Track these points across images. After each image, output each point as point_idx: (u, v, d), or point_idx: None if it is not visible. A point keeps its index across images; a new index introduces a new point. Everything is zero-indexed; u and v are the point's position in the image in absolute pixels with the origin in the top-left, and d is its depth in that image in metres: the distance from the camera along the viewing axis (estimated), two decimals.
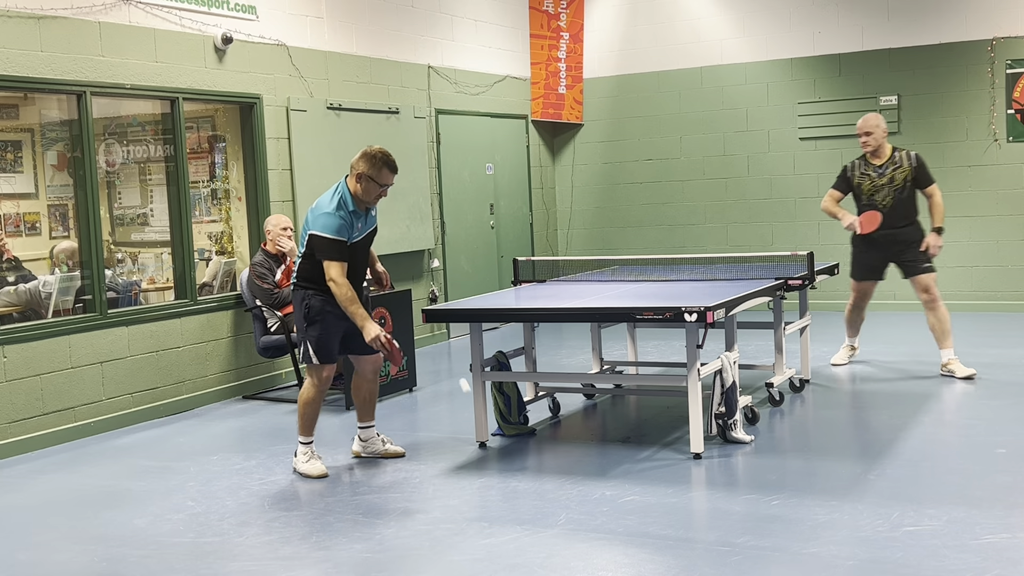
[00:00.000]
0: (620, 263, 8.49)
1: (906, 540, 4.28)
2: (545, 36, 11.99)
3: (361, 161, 5.47)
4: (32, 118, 7.36)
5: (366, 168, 5.45)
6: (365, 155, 5.47)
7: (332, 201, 5.48)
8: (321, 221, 5.45)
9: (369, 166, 5.44)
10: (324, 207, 5.48)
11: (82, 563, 4.59)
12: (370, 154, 5.46)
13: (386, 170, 5.46)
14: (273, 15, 8.57)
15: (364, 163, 5.45)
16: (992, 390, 7.04)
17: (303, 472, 5.69)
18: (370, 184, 5.46)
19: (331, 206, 5.46)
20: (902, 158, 7.63)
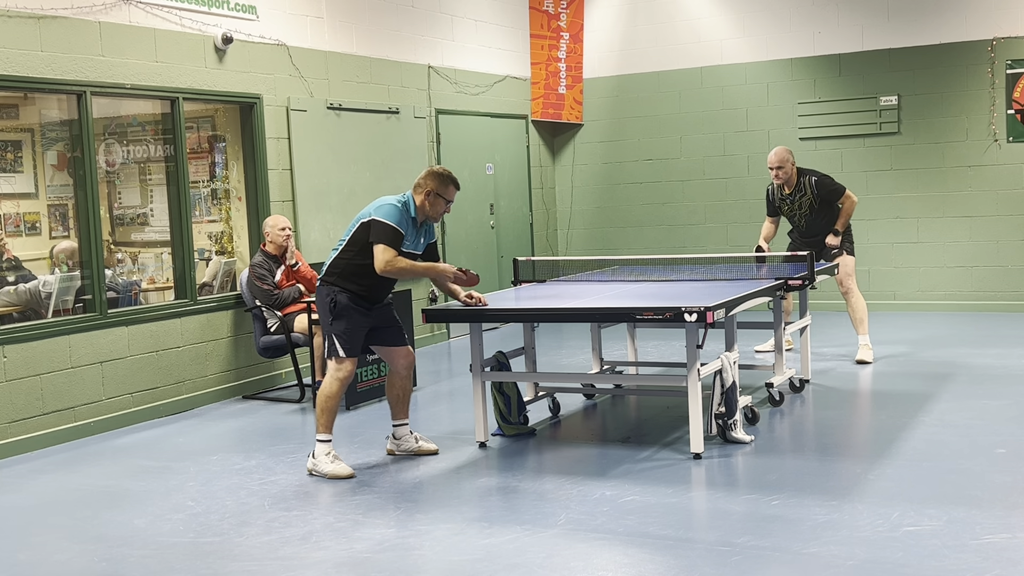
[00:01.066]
0: (620, 263, 8.49)
1: (906, 540, 4.28)
2: (545, 36, 11.99)
3: (429, 179, 5.69)
4: (32, 118, 7.36)
5: (435, 186, 5.67)
6: (433, 174, 5.72)
7: (399, 201, 5.68)
8: (385, 210, 5.59)
9: (438, 184, 5.68)
10: (390, 201, 5.66)
11: (82, 563, 4.59)
12: (437, 172, 5.72)
13: (452, 187, 5.73)
14: (273, 15, 8.57)
15: (433, 181, 5.68)
16: (992, 390, 7.04)
17: (328, 474, 5.59)
18: (437, 200, 5.69)
19: (398, 203, 5.66)
20: (805, 184, 8.24)
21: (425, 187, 5.69)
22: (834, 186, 8.22)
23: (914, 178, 10.88)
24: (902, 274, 10.98)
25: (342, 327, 5.61)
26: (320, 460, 5.63)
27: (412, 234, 5.71)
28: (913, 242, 10.92)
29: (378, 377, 7.60)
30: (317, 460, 5.65)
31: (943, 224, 10.80)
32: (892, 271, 11.01)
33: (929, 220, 10.86)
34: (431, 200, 5.69)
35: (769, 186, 8.49)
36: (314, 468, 5.65)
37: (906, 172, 10.90)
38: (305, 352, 8.08)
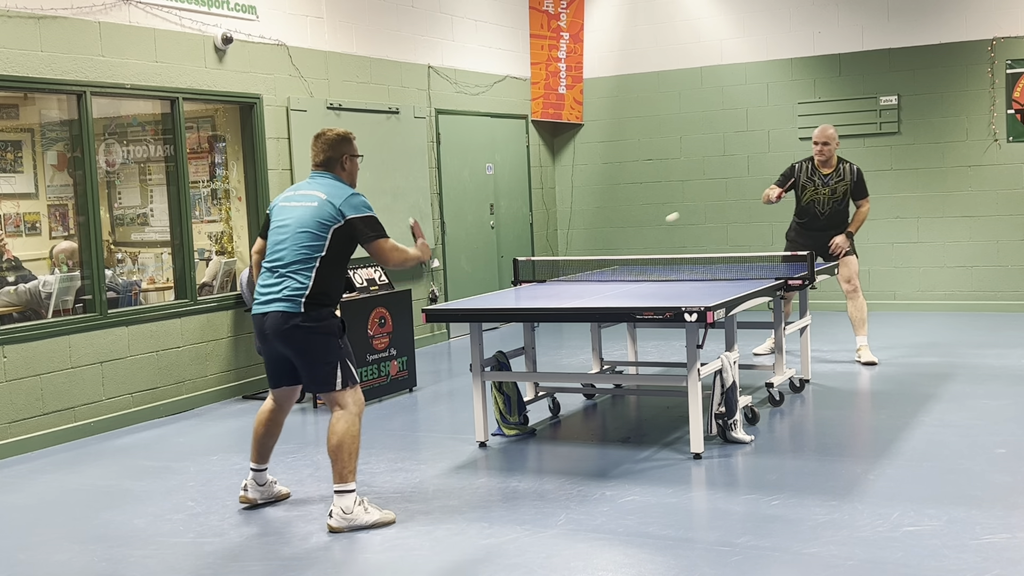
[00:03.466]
0: (620, 263, 8.49)
1: (906, 540, 4.28)
2: (545, 36, 11.99)
3: (342, 143, 4.99)
4: (32, 118, 7.36)
5: (348, 147, 5.01)
6: (340, 136, 5.00)
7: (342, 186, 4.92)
8: (357, 200, 4.84)
9: (348, 144, 5.02)
10: (342, 190, 4.87)
11: (82, 563, 4.59)
12: (337, 135, 5.00)
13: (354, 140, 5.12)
14: (273, 15, 8.57)
15: (345, 143, 5.00)
16: (992, 390, 7.04)
17: (374, 523, 4.75)
18: (355, 161, 5.06)
19: (347, 189, 4.91)
20: (845, 171, 8.16)
21: (340, 152, 4.98)
22: (866, 183, 8.22)
23: (914, 178, 10.88)
24: (902, 274, 10.98)
25: (349, 350, 4.91)
26: (356, 513, 4.73)
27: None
28: (913, 242, 10.92)
29: (378, 376, 7.60)
30: (351, 515, 4.72)
31: (943, 224, 10.80)
32: (892, 271, 11.02)
33: (929, 220, 10.86)
34: (350, 164, 5.02)
35: (797, 163, 8.33)
36: (350, 524, 4.71)
37: (906, 172, 10.90)
38: None
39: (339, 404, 4.82)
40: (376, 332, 7.58)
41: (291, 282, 4.77)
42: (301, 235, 4.79)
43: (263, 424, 5.14)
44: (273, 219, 4.97)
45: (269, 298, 4.82)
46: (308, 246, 4.78)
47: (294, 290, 4.76)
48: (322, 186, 4.90)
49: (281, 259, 4.83)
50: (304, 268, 4.77)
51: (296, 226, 4.81)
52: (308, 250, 4.78)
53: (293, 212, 4.87)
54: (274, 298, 4.79)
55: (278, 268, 4.82)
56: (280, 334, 4.79)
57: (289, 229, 4.84)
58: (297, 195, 4.95)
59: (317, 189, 4.89)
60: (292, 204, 4.91)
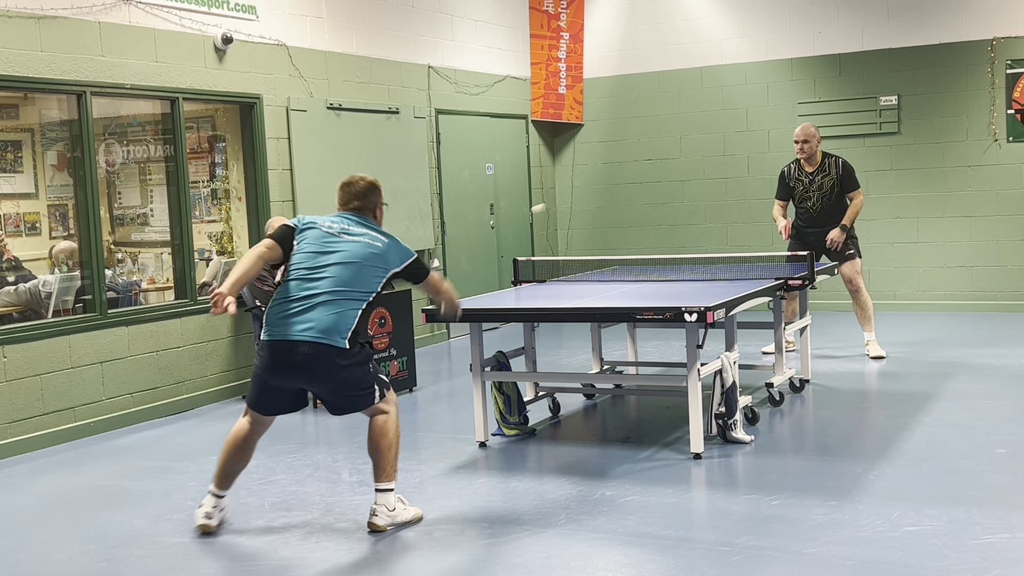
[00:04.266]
0: (620, 263, 8.49)
1: (906, 540, 4.28)
2: (545, 36, 11.99)
3: (375, 194, 4.96)
4: (32, 118, 7.37)
5: (381, 195, 5.03)
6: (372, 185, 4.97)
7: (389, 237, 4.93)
8: (409, 250, 4.90)
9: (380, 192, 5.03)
10: (395, 239, 4.92)
11: (82, 563, 4.59)
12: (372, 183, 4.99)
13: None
14: (273, 15, 8.57)
15: (378, 193, 4.98)
16: (992, 390, 7.04)
17: (409, 520, 4.78)
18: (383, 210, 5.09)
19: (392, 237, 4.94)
20: (830, 165, 8.21)
21: (374, 201, 4.96)
22: (855, 176, 8.26)
23: (914, 178, 10.88)
24: (902, 274, 10.98)
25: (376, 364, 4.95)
26: (397, 509, 4.74)
27: None
28: (913, 242, 10.92)
29: None
30: (395, 512, 4.72)
31: (943, 224, 10.80)
32: (892, 271, 11.01)
33: (929, 220, 10.86)
34: (381, 213, 5.03)
35: (785, 167, 8.49)
36: (394, 520, 4.72)
37: (906, 172, 10.90)
38: None
39: (381, 410, 4.79)
40: (376, 332, 7.58)
41: (340, 317, 4.59)
42: (362, 272, 4.67)
43: (237, 446, 4.82)
44: (310, 242, 4.75)
45: (310, 326, 4.55)
46: (365, 285, 4.69)
47: (343, 325, 4.59)
48: (376, 230, 4.85)
49: (329, 289, 4.62)
50: (355, 304, 4.65)
51: (357, 262, 4.68)
52: (364, 289, 4.69)
53: (350, 246, 4.71)
54: (318, 328, 4.55)
55: (323, 297, 4.60)
56: (318, 367, 4.57)
57: (344, 259, 4.67)
58: (350, 229, 4.78)
59: (374, 231, 4.82)
60: (346, 237, 4.74)
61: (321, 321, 4.57)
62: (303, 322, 4.56)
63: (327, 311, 4.59)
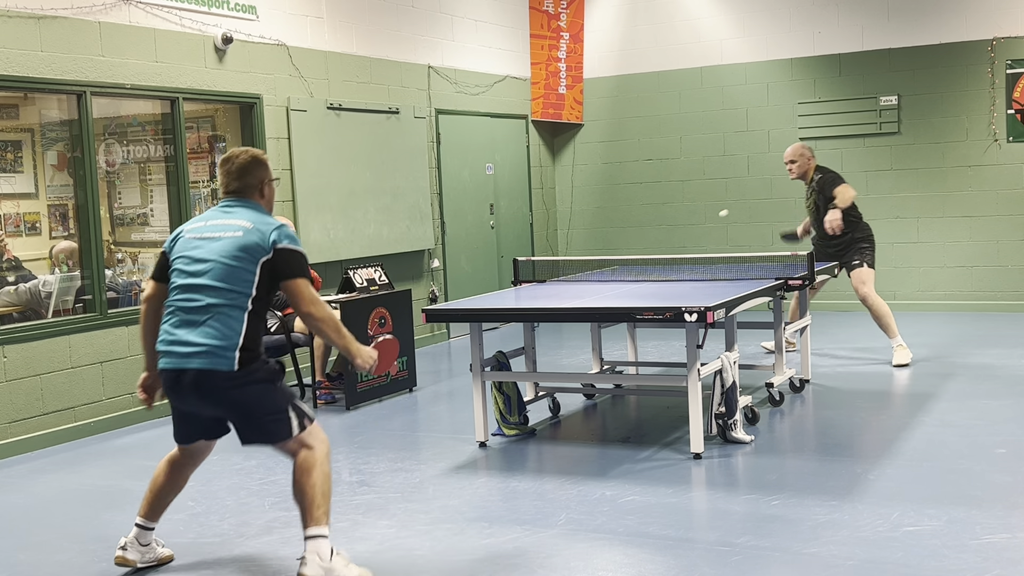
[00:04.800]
0: (620, 263, 8.49)
1: (906, 540, 4.28)
2: (545, 36, 11.99)
3: (258, 167, 4.22)
4: (32, 118, 7.36)
5: (268, 170, 4.27)
6: (255, 159, 4.22)
7: (266, 214, 4.18)
8: (288, 231, 4.08)
9: (267, 167, 4.28)
10: (267, 218, 4.13)
11: (82, 563, 4.59)
12: (256, 156, 4.25)
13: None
14: (273, 15, 8.57)
15: (263, 167, 4.24)
16: (992, 390, 7.04)
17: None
18: (273, 187, 4.31)
19: (272, 218, 4.16)
20: (816, 183, 8.13)
21: (260, 176, 4.21)
22: (834, 179, 8.03)
23: (914, 178, 10.88)
24: (902, 274, 10.98)
25: (288, 389, 4.14)
26: (335, 564, 3.97)
27: None
28: (913, 242, 10.92)
29: (378, 376, 7.60)
30: (329, 564, 3.95)
31: (943, 224, 10.80)
32: (892, 271, 11.01)
33: (929, 220, 10.86)
34: (269, 191, 4.26)
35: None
36: (328, 574, 3.95)
37: (906, 172, 10.90)
38: (305, 352, 8.08)
39: (304, 445, 4.06)
40: (376, 332, 7.58)
41: (217, 330, 3.90)
42: (227, 270, 3.94)
43: (167, 476, 4.36)
44: (179, 256, 4.07)
45: (187, 351, 3.93)
46: (236, 285, 3.94)
47: (224, 339, 3.89)
48: (242, 215, 4.08)
49: (199, 301, 3.94)
50: (233, 311, 3.92)
51: (219, 261, 3.96)
52: (236, 290, 3.93)
53: (211, 246, 4.01)
54: (195, 351, 3.91)
55: (196, 313, 3.94)
56: (209, 395, 3.96)
57: (209, 265, 3.97)
58: (211, 226, 4.08)
59: (237, 218, 4.07)
60: (206, 236, 4.05)
61: (196, 340, 3.92)
62: (183, 345, 3.94)
63: (203, 327, 3.92)
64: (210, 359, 3.89)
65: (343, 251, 9.10)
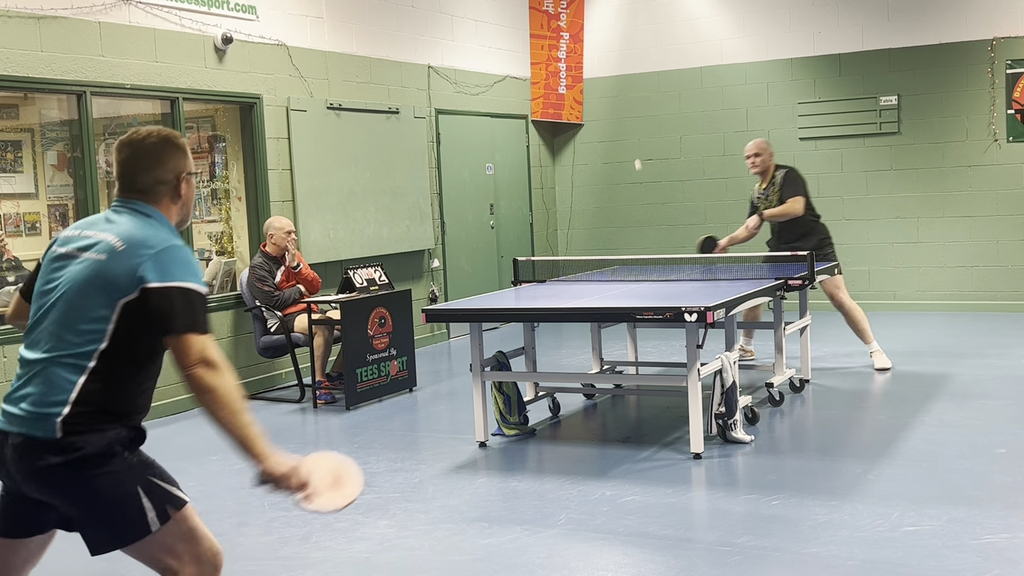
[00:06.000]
0: (620, 263, 8.49)
1: (906, 540, 4.28)
2: (545, 36, 11.99)
3: (175, 153, 2.93)
4: (32, 118, 7.36)
5: (187, 161, 2.97)
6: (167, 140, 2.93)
7: (156, 227, 2.84)
8: (164, 259, 2.74)
9: (186, 153, 2.98)
10: (152, 234, 2.79)
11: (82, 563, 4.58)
12: (168, 137, 2.95)
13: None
14: (273, 15, 8.57)
15: (180, 154, 2.95)
16: (992, 390, 7.04)
17: None
18: (192, 182, 2.99)
19: (170, 235, 2.85)
20: (777, 178, 7.94)
21: (177, 170, 2.92)
22: (794, 183, 7.82)
23: (914, 178, 10.88)
24: (902, 274, 10.98)
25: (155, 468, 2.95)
26: None
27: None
28: (913, 242, 10.92)
29: (378, 376, 7.60)
30: None
31: (943, 224, 10.80)
32: (892, 271, 11.01)
33: (929, 220, 10.86)
34: (188, 189, 2.96)
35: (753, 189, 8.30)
36: None
37: (906, 172, 10.90)
38: (305, 352, 8.08)
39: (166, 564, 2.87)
40: (376, 332, 7.58)
41: (46, 385, 2.71)
42: (71, 309, 2.74)
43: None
44: (42, 268, 2.91)
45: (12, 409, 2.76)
46: (81, 328, 2.72)
47: (49, 399, 2.70)
48: (122, 227, 2.81)
49: (37, 343, 2.78)
50: (71, 363, 2.72)
51: (66, 292, 2.77)
52: (80, 335, 2.72)
53: (68, 269, 2.80)
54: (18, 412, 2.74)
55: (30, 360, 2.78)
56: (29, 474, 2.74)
57: (54, 295, 2.79)
58: (83, 237, 2.85)
59: (113, 231, 2.80)
60: (69, 253, 2.83)
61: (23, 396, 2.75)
62: (15, 400, 2.77)
63: (32, 379, 2.75)
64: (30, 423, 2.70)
65: (343, 251, 9.10)
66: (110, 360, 2.74)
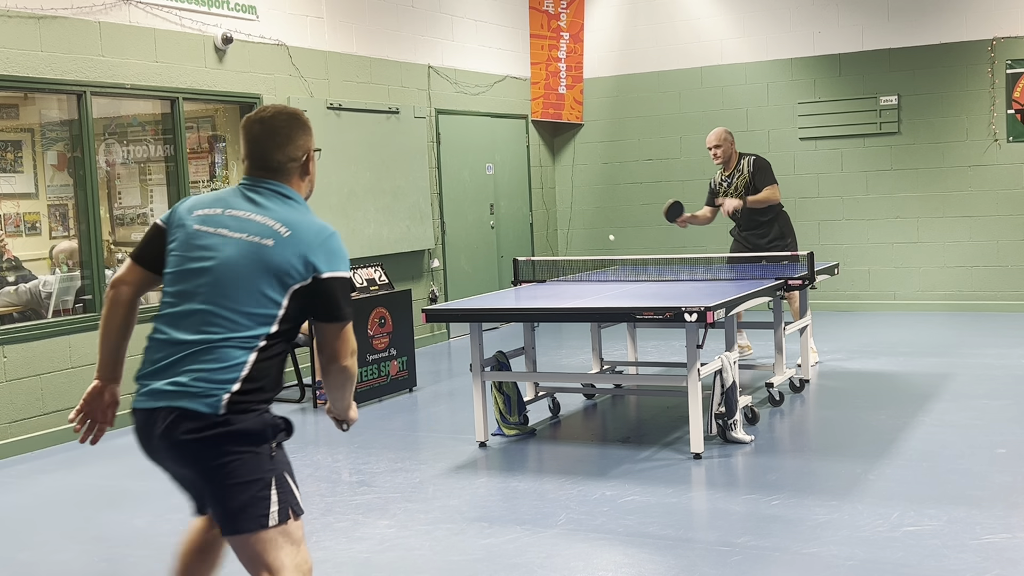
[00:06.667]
0: (620, 263, 8.49)
1: (906, 540, 4.28)
2: (545, 36, 11.99)
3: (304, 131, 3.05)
4: (32, 118, 7.36)
5: (311, 137, 3.08)
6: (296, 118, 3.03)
7: (308, 214, 3.00)
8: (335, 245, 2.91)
9: (311, 132, 3.09)
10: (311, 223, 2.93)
11: (82, 563, 4.59)
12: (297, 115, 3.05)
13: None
14: (273, 15, 8.57)
15: (308, 132, 3.06)
16: (992, 390, 7.04)
17: None
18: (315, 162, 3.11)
19: (321, 220, 2.99)
20: (744, 166, 8.04)
21: (306, 147, 3.04)
22: (768, 172, 7.97)
23: (914, 178, 10.88)
24: (902, 274, 10.98)
25: (291, 468, 2.95)
26: None
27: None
28: (913, 242, 10.92)
29: (378, 376, 7.60)
30: None
31: (943, 224, 10.79)
32: (892, 271, 11.01)
33: (929, 220, 10.86)
34: (313, 168, 3.09)
35: (711, 178, 8.42)
36: None
37: (906, 172, 10.90)
38: (305, 352, 8.08)
39: (267, 565, 2.87)
40: (376, 332, 7.58)
41: (215, 363, 2.79)
42: (241, 290, 2.82)
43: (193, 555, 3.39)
44: (178, 242, 2.95)
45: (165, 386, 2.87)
46: (252, 310, 2.82)
47: (218, 376, 2.78)
48: (277, 211, 2.92)
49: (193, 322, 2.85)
50: (240, 342, 2.81)
51: (233, 273, 2.83)
52: (251, 317, 2.82)
53: (226, 246, 2.87)
54: (178, 389, 2.83)
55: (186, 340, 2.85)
56: (178, 446, 2.84)
57: (217, 274, 2.85)
58: (231, 217, 2.92)
59: (269, 215, 2.90)
60: (224, 232, 2.89)
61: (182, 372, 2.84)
62: (158, 378, 2.94)
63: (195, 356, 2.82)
64: (194, 400, 2.79)
65: None
66: (274, 342, 2.85)
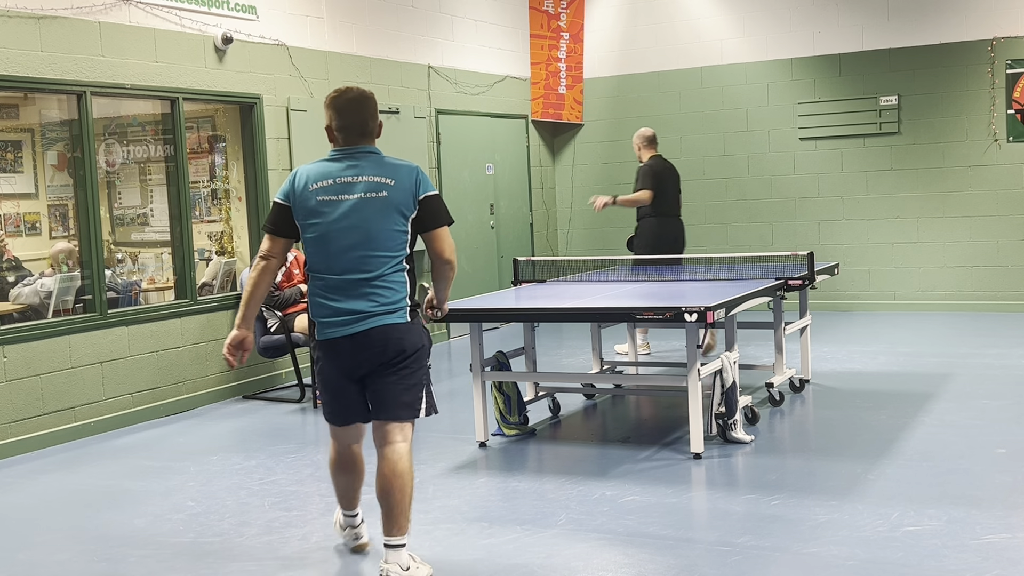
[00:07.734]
0: (620, 263, 8.49)
1: (906, 540, 4.28)
2: (545, 36, 11.99)
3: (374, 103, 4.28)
4: (32, 118, 7.37)
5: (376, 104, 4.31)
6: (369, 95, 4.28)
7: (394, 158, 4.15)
8: (423, 176, 4.08)
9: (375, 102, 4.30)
10: (405, 166, 4.08)
11: (82, 563, 4.59)
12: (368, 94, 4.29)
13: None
14: (273, 15, 8.57)
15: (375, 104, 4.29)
16: (992, 390, 7.04)
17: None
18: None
19: (407, 163, 4.14)
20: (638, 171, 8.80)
21: (377, 117, 4.25)
22: (645, 176, 8.67)
23: (914, 178, 10.88)
24: (902, 274, 10.98)
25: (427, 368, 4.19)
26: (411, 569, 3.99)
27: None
28: (913, 242, 10.92)
29: None
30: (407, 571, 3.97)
31: (943, 224, 10.80)
32: (892, 271, 11.01)
33: (929, 220, 10.86)
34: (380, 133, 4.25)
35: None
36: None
37: (906, 172, 10.90)
38: (305, 352, 8.08)
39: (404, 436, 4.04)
40: None
41: (389, 293, 3.94)
42: (384, 236, 3.93)
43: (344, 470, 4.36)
44: (314, 217, 3.99)
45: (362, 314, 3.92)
46: (395, 248, 3.96)
47: (396, 301, 3.95)
48: (376, 168, 4.00)
49: (361, 269, 3.93)
50: (397, 273, 3.97)
51: (374, 226, 3.92)
52: (395, 253, 3.96)
53: (361, 209, 3.93)
54: (373, 312, 3.91)
55: (360, 281, 3.93)
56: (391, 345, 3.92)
57: (363, 232, 3.91)
58: (347, 184, 3.98)
59: (374, 173, 3.98)
60: (347, 198, 3.95)
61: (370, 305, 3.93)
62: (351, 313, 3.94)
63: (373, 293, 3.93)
64: (391, 316, 3.94)
65: None
66: (408, 261, 4.01)
